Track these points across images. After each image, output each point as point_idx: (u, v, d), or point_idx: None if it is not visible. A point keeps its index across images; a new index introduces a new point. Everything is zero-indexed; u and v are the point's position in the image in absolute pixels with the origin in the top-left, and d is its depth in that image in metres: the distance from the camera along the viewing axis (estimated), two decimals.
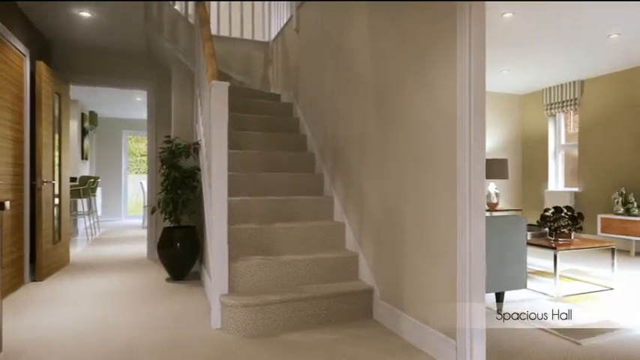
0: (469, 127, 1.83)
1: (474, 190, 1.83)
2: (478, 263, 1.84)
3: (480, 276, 1.84)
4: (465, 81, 1.84)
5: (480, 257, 1.84)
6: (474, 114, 1.83)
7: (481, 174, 1.83)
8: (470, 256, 1.83)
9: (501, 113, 6.86)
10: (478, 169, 1.83)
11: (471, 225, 1.82)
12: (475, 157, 1.83)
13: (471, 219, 1.82)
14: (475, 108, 1.83)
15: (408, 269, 2.31)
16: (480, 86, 1.84)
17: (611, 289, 3.39)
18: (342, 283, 2.73)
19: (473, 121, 1.83)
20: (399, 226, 2.39)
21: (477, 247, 1.84)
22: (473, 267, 1.83)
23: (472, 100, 1.83)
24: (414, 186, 2.25)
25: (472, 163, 1.83)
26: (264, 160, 3.58)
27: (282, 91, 4.80)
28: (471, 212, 1.82)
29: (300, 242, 2.95)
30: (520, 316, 2.67)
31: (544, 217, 3.49)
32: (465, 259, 1.83)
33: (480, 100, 1.84)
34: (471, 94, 1.83)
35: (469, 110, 1.83)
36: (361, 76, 2.85)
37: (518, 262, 2.58)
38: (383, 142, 2.57)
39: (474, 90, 1.83)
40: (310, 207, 3.23)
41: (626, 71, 5.45)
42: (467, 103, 1.83)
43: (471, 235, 1.83)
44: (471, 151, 1.83)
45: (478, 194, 1.83)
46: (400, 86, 2.37)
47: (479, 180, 1.83)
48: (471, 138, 1.83)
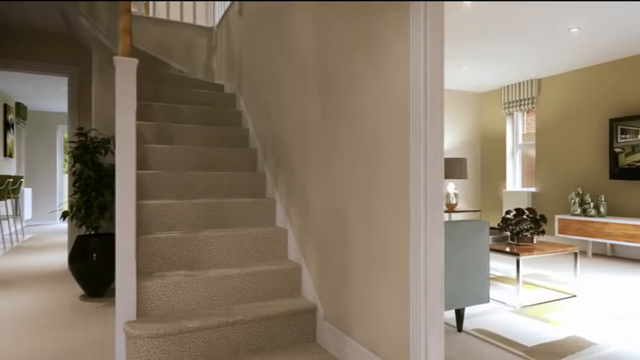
0: (425, 120, 1.47)
1: (430, 195, 1.47)
2: (435, 283, 1.48)
3: (437, 298, 1.49)
4: (420, 67, 1.48)
5: (438, 276, 1.49)
6: (430, 103, 1.47)
7: (439, 175, 1.48)
8: (425, 275, 1.47)
9: (460, 111, 6.70)
10: (436, 170, 1.47)
11: (427, 237, 1.47)
12: (432, 156, 1.47)
13: (427, 229, 1.47)
14: (432, 97, 1.47)
15: (354, 286, 1.94)
16: (437, 68, 1.49)
17: (574, 296, 3.19)
18: (281, 301, 2.32)
19: (429, 114, 1.47)
20: (345, 234, 2.01)
21: (434, 264, 1.48)
22: (429, 287, 1.47)
23: (428, 88, 1.47)
24: (362, 188, 1.87)
25: (428, 163, 1.47)
26: (199, 157, 3.11)
27: (226, 81, 4.33)
28: (426, 221, 1.46)
29: (233, 253, 2.51)
30: (482, 333, 2.37)
31: (505, 219, 3.24)
32: (419, 279, 1.47)
33: (438, 87, 1.49)
34: (427, 80, 1.47)
35: (424, 100, 1.47)
36: (305, 63, 2.46)
37: (480, 273, 2.27)
38: (327, 137, 2.18)
39: (430, 72, 1.47)
40: (249, 211, 2.80)
41: (583, 69, 5.39)
42: (422, 92, 1.47)
43: (427, 249, 1.47)
44: (427, 148, 1.47)
45: (435, 199, 1.47)
46: (347, 73, 1.99)
47: (436, 182, 1.47)
48: (427, 133, 1.47)
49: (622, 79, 4.97)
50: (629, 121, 4.75)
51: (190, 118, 3.52)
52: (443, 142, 1.50)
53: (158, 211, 2.52)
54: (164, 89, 3.67)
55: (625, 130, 4.80)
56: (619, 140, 4.85)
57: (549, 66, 5.33)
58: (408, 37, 1.54)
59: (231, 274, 2.28)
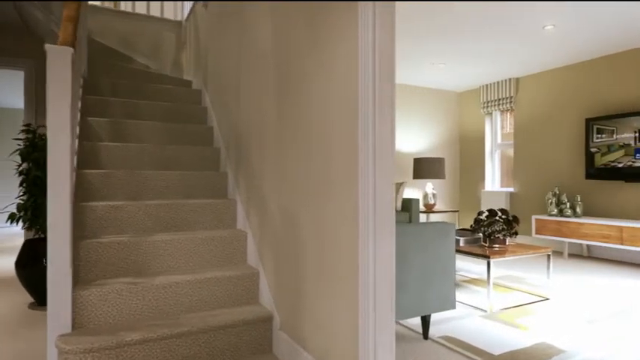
0: (373, 116, 1.35)
1: (380, 197, 1.34)
2: (384, 292, 1.35)
3: (386, 308, 1.36)
4: (369, 60, 1.35)
5: (388, 285, 1.36)
6: (380, 102, 1.35)
7: (389, 176, 1.35)
8: (374, 283, 1.34)
9: (439, 110, 6.62)
10: (385, 171, 1.35)
11: (376, 243, 1.34)
12: (382, 156, 1.35)
13: (376, 235, 1.34)
14: (381, 96, 1.35)
15: (307, 294, 1.80)
16: (387, 65, 1.36)
17: (547, 299, 3.11)
18: (236, 310, 2.18)
19: (378, 112, 1.35)
20: (298, 237, 1.87)
21: (384, 272, 1.35)
22: (378, 297, 1.35)
23: (377, 84, 1.34)
24: (314, 190, 1.74)
25: (378, 163, 1.34)
26: (157, 155, 2.94)
27: (194, 76, 4.16)
28: (375, 226, 1.33)
29: (187, 258, 2.35)
30: (448, 341, 2.26)
31: (478, 220, 3.14)
32: (368, 288, 1.34)
33: (388, 86, 1.36)
34: (375, 75, 1.34)
35: (373, 96, 1.34)
36: (263, 60, 2.31)
37: (446, 279, 2.16)
38: (282, 137, 2.04)
39: (379, 69, 1.34)
40: (207, 213, 2.64)
41: (559, 69, 5.35)
42: (370, 87, 1.34)
43: (376, 256, 1.34)
44: (375, 147, 1.34)
45: (385, 202, 1.35)
46: (301, 72, 1.85)
47: (386, 184, 1.35)
48: (375, 130, 1.34)
49: (598, 79, 4.94)
50: (605, 120, 4.72)
51: (151, 115, 3.35)
52: (394, 142, 1.37)
53: (105, 214, 2.34)
54: (125, 84, 3.48)
55: (601, 129, 4.77)
56: (595, 140, 4.82)
57: (527, 65, 5.28)
58: (356, 35, 1.41)
59: (181, 281, 2.13)
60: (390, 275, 1.36)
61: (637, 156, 4.43)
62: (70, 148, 1.85)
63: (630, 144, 4.49)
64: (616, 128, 4.62)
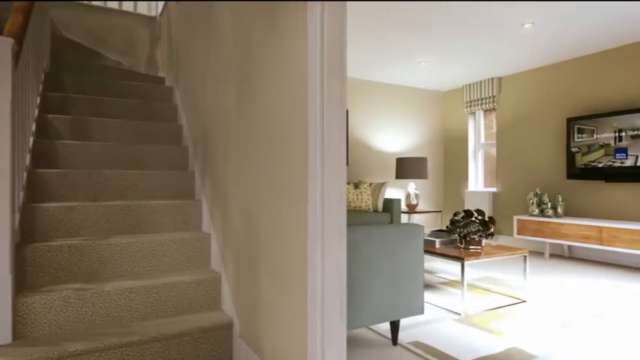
0: (321, 115, 1.26)
1: (328, 199, 1.25)
2: (333, 299, 1.26)
3: (335, 316, 1.27)
4: (317, 57, 1.26)
5: (337, 291, 1.27)
6: (328, 98, 1.26)
7: (338, 177, 1.26)
8: (322, 290, 1.25)
9: (423, 110, 6.57)
10: (334, 171, 1.26)
11: (324, 247, 1.24)
12: (331, 154, 1.26)
13: (324, 239, 1.24)
14: (329, 91, 1.26)
15: (263, 300, 1.71)
16: (336, 62, 1.28)
17: (524, 301, 3.05)
18: (194, 317, 2.07)
19: (327, 108, 1.26)
20: (257, 241, 1.78)
21: (333, 278, 1.26)
22: (327, 304, 1.26)
23: (325, 80, 1.25)
24: (270, 190, 1.64)
25: (326, 162, 1.25)
26: (122, 154, 2.82)
27: (167, 73, 4.03)
28: (324, 230, 1.24)
29: (146, 262, 2.24)
30: (418, 347, 2.18)
31: (453, 221, 3.07)
32: (316, 295, 1.25)
33: (337, 80, 1.27)
34: (323, 69, 1.25)
35: (321, 93, 1.25)
36: (226, 57, 2.21)
37: (413, 283, 2.07)
38: (241, 134, 1.95)
39: (327, 66, 1.26)
40: (171, 214, 2.53)
41: (541, 68, 5.33)
42: (318, 84, 1.25)
43: (324, 260, 1.25)
44: (323, 145, 1.25)
45: (334, 204, 1.26)
46: (258, 70, 1.76)
47: (335, 185, 1.26)
48: (324, 128, 1.26)
49: (578, 78, 4.92)
50: (586, 120, 4.69)
51: (119, 113, 3.22)
52: (343, 141, 1.28)
53: (58, 216, 2.22)
54: (92, 81, 3.35)
55: (582, 129, 4.74)
56: (576, 140, 4.79)
57: (509, 64, 5.24)
58: (306, 35, 1.32)
59: (136, 286, 2.01)
60: (340, 282, 1.27)
61: (617, 156, 4.41)
62: (9, 146, 1.73)
63: (610, 144, 4.47)
64: (596, 128, 4.60)
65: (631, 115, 4.29)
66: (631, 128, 4.30)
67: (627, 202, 4.45)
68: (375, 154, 6.09)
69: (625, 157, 4.33)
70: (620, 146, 4.39)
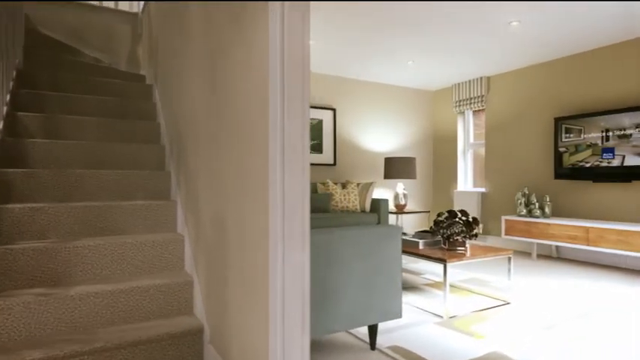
0: (282, 114, 1.19)
1: (288, 200, 1.19)
2: (295, 306, 1.20)
3: (296, 325, 1.21)
4: (277, 54, 1.19)
5: (299, 298, 1.20)
6: (288, 98, 1.19)
7: (300, 177, 1.20)
8: (282, 296, 1.18)
9: (412, 109, 6.52)
10: (296, 170, 1.19)
11: (285, 251, 1.18)
12: (292, 154, 1.19)
13: (285, 243, 1.18)
14: (290, 90, 1.19)
15: (230, 305, 1.64)
16: (298, 59, 1.21)
17: (508, 303, 3.00)
18: (164, 322, 1.99)
19: (287, 108, 1.19)
20: (225, 243, 1.71)
21: (294, 284, 1.20)
22: (288, 312, 1.19)
23: (286, 80, 1.19)
24: (237, 191, 1.57)
25: (287, 163, 1.18)
26: (96, 153, 2.73)
27: (148, 71, 3.95)
28: (284, 233, 1.18)
29: (116, 265, 2.16)
30: (396, 351, 2.12)
31: (437, 222, 3.02)
32: (276, 302, 1.19)
33: (298, 80, 1.21)
34: (284, 70, 1.19)
35: (281, 94, 1.19)
36: (198, 54, 2.13)
37: (390, 286, 2.01)
38: (210, 132, 1.88)
39: (287, 63, 1.19)
40: (145, 215, 2.45)
41: (529, 67, 5.30)
42: (279, 85, 1.19)
43: (285, 264, 1.18)
44: (284, 145, 1.19)
45: (295, 206, 1.19)
46: (225, 63, 1.68)
47: (296, 186, 1.19)
48: (284, 127, 1.19)
49: (566, 78, 4.90)
50: (573, 120, 4.67)
51: (96, 111, 3.13)
52: (306, 140, 1.22)
53: (24, 217, 2.13)
54: (69, 78, 3.26)
55: (569, 129, 4.72)
56: (563, 139, 4.77)
57: (497, 64, 5.21)
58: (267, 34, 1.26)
59: (102, 291, 1.93)
60: (302, 288, 1.20)
61: (604, 156, 4.39)
62: None
63: (597, 143, 4.44)
64: (583, 128, 4.57)
65: (618, 114, 4.27)
66: (618, 128, 4.27)
67: (614, 203, 4.43)
68: (364, 154, 6.03)
69: (612, 157, 4.31)
70: (607, 146, 4.36)
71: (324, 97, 5.67)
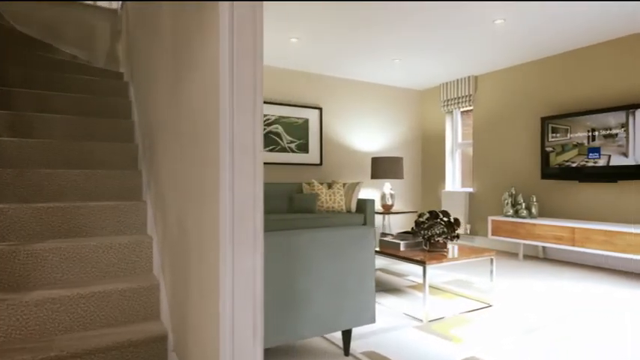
0: (231, 111, 1.12)
1: (238, 201, 1.11)
2: (245, 315, 1.12)
3: (247, 335, 1.13)
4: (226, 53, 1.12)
5: (249, 307, 1.13)
6: (238, 91, 1.12)
7: (251, 177, 1.13)
8: (232, 302, 1.11)
9: (400, 109, 6.47)
10: (246, 170, 1.12)
11: (234, 254, 1.11)
12: (242, 153, 1.12)
13: (234, 244, 1.10)
14: (239, 82, 1.12)
15: (191, 310, 1.56)
16: (248, 55, 1.14)
17: (490, 305, 2.94)
18: (127, 329, 1.91)
19: (236, 103, 1.12)
20: (186, 246, 1.63)
21: (246, 290, 1.12)
22: (237, 319, 1.12)
23: (235, 70, 1.12)
24: (195, 192, 1.49)
25: (236, 162, 1.11)
26: (65, 152, 2.64)
27: (126, 68, 3.85)
28: (234, 234, 1.10)
29: (79, 269, 2.07)
30: (371, 357, 2.05)
31: (418, 223, 2.96)
32: (225, 307, 1.11)
33: (248, 73, 1.13)
34: (233, 58, 1.12)
35: (230, 85, 1.12)
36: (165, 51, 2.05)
37: (363, 290, 1.94)
38: (174, 131, 1.80)
39: (237, 53, 1.12)
40: (114, 216, 2.37)
41: (516, 67, 5.26)
42: (227, 73, 1.12)
43: (234, 270, 1.11)
44: (233, 143, 1.11)
45: (245, 207, 1.12)
46: (186, 62, 1.61)
47: (247, 186, 1.12)
48: (233, 126, 1.12)
49: (553, 77, 4.86)
50: (559, 119, 4.63)
51: (68, 108, 3.04)
52: (258, 138, 1.15)
53: None
54: (41, 75, 3.16)
55: (555, 128, 4.68)
56: (550, 139, 4.73)
57: (484, 63, 5.16)
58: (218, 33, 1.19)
59: (61, 296, 1.85)
60: (253, 293, 1.13)
61: (590, 155, 4.35)
62: None
63: (583, 143, 4.41)
64: (570, 127, 4.54)
65: (603, 114, 4.24)
66: (603, 127, 4.24)
67: (600, 203, 4.40)
68: (351, 153, 5.96)
69: (598, 156, 4.28)
70: (593, 146, 4.33)
71: (310, 95, 5.60)
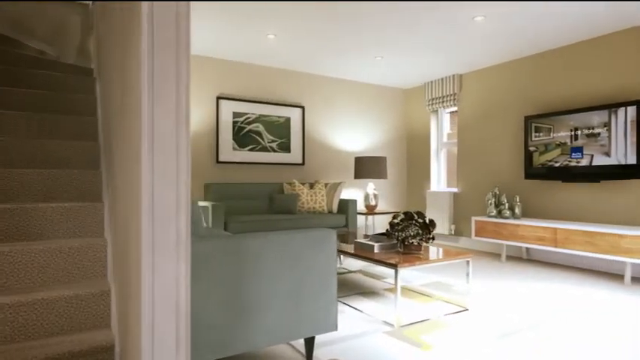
0: (150, 107, 1.01)
1: (158, 204, 1.01)
2: (167, 327, 1.02)
3: (170, 347, 1.02)
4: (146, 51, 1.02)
5: (172, 318, 1.03)
6: (158, 82, 1.02)
7: (173, 177, 1.02)
8: (152, 313, 1.00)
9: (385, 108, 6.38)
10: (167, 169, 1.02)
11: (155, 260, 1.00)
12: (161, 156, 1.02)
13: (155, 251, 1.00)
14: (159, 73, 1.02)
15: (129, 318, 1.45)
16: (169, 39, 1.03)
17: (466, 309, 2.86)
18: (73, 338, 1.80)
19: (156, 96, 1.02)
20: (127, 249, 1.52)
21: (167, 301, 1.02)
22: (158, 333, 1.01)
23: (155, 60, 1.01)
24: (129, 193, 1.39)
25: (156, 160, 1.01)
26: (19, 151, 2.51)
27: (96, 64, 3.72)
28: (154, 240, 1.00)
29: (23, 274, 1.95)
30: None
31: (392, 224, 2.87)
32: (146, 319, 1.01)
33: (170, 63, 1.03)
34: (153, 49, 1.01)
35: (150, 75, 1.01)
36: (115, 45, 1.94)
37: (323, 296, 1.85)
38: (120, 130, 1.69)
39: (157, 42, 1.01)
40: (68, 219, 2.25)
41: (499, 65, 5.20)
42: (147, 63, 1.01)
43: (155, 279, 1.00)
44: (153, 144, 1.01)
45: (166, 210, 1.02)
46: (129, 60, 1.50)
47: (167, 187, 1.02)
48: (153, 123, 1.01)
49: (535, 76, 4.80)
50: (543, 118, 4.57)
51: (28, 106, 2.91)
52: (183, 134, 1.04)
53: None
54: (1, 70, 3.03)
55: (539, 128, 4.62)
56: (533, 139, 4.67)
57: (469, 61, 5.09)
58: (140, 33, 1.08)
59: (0, 304, 1.73)
60: (177, 305, 1.03)
61: (572, 155, 4.29)
62: None
63: (566, 142, 4.35)
64: (553, 126, 4.48)
65: (586, 113, 4.18)
66: (586, 127, 4.18)
67: (583, 203, 4.34)
68: (335, 153, 5.87)
69: (581, 156, 4.22)
70: (575, 145, 4.27)
71: (291, 94, 5.49)
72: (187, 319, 1.04)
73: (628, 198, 3.99)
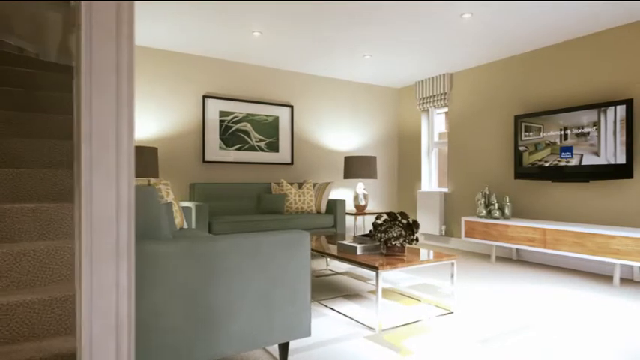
0: (88, 100, 0.96)
1: (97, 205, 0.94)
2: (104, 340, 0.95)
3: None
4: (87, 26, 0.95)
5: (111, 329, 0.96)
6: (95, 71, 0.96)
7: (111, 181, 0.96)
8: (90, 323, 0.93)
9: (376, 107, 6.32)
10: (105, 165, 0.96)
11: (93, 267, 0.94)
12: (99, 152, 0.96)
13: (93, 257, 0.93)
14: (97, 59, 0.96)
15: None
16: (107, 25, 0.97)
17: (451, 312, 2.80)
18: (32, 345, 1.72)
19: (94, 92, 0.96)
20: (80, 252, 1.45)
21: (107, 311, 0.95)
22: (96, 346, 0.94)
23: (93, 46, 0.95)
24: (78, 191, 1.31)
25: (94, 163, 0.95)
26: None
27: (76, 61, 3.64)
28: (92, 246, 0.93)
29: None
30: None
31: (375, 225, 2.80)
32: (85, 328, 0.94)
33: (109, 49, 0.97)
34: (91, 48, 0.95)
35: (88, 62, 0.96)
36: None
37: (296, 301, 1.78)
38: (79, 125, 1.61)
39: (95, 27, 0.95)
40: (36, 220, 2.17)
41: (489, 64, 5.15)
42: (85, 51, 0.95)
43: (93, 286, 0.93)
44: (92, 138, 0.95)
45: (104, 211, 0.95)
46: None
47: (104, 185, 0.95)
48: (92, 118, 0.96)
49: (525, 75, 4.75)
50: (532, 118, 4.52)
51: (4, 103, 2.83)
52: (126, 130, 0.97)
53: None
54: None
55: (529, 127, 4.57)
56: (523, 138, 4.62)
57: (459, 60, 5.04)
58: None
59: None
60: (117, 315, 0.96)
61: (562, 155, 4.25)
62: None
63: (556, 142, 4.30)
64: (542, 126, 4.43)
65: (575, 112, 4.13)
66: (576, 126, 4.14)
67: (572, 203, 4.30)
68: (324, 152, 5.80)
69: (570, 156, 4.17)
70: (565, 145, 4.22)
71: (280, 93, 5.42)
72: (130, 332, 0.97)
73: (617, 198, 3.95)
